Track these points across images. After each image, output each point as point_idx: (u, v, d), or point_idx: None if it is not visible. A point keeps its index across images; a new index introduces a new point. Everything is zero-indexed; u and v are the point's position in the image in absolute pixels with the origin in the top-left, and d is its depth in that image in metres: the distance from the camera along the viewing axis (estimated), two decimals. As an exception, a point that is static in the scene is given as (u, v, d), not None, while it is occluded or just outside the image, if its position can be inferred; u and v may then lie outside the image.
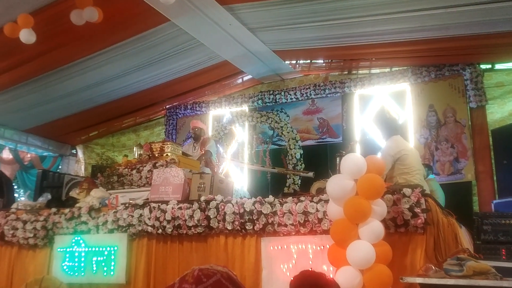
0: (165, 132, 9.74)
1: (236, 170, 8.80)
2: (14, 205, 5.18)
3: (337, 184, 3.10)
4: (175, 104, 9.74)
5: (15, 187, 9.16)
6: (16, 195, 8.40)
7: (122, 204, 4.34)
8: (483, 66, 7.11)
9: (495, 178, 6.58)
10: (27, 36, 5.18)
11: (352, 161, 3.13)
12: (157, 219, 4.00)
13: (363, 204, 2.97)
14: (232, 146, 9.10)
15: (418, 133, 7.37)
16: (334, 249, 3.10)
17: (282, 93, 8.66)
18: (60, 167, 10.29)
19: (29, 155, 9.92)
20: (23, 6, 5.45)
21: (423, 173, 4.84)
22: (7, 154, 9.53)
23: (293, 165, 8.22)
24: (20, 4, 5.44)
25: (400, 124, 6.08)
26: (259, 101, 8.86)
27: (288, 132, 8.48)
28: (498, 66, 7.12)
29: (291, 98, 8.60)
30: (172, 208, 3.97)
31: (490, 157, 6.70)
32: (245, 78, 8.99)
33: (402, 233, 3.25)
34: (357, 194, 3.04)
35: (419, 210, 3.12)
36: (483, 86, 6.97)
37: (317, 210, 3.44)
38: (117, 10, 5.77)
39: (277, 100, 8.71)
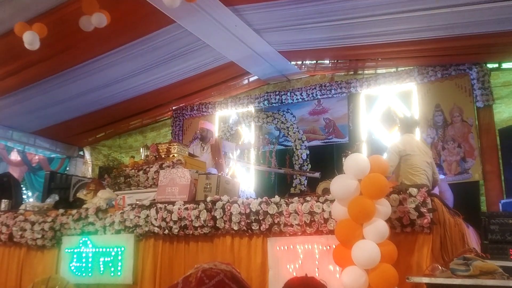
0: (171, 133, 9.76)
1: (242, 171, 8.81)
2: (22, 207, 5.24)
3: (341, 184, 3.11)
4: (181, 105, 9.75)
5: (23, 188, 9.24)
6: (24, 196, 8.47)
7: (129, 205, 4.37)
8: (490, 65, 7.05)
9: (502, 178, 6.53)
10: (31, 38, 5.18)
11: (355, 161, 3.14)
12: (163, 219, 4.03)
13: (367, 204, 2.97)
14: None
15: (425, 132, 7.33)
16: (340, 249, 3.11)
17: (288, 94, 8.65)
18: (67, 168, 10.36)
19: (37, 157, 10.00)
20: (32, 9, 5.51)
21: (430, 174, 4.82)
22: (15, 156, 9.60)
23: (299, 166, 8.22)
24: (30, 6, 5.48)
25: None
26: (265, 102, 8.86)
27: (294, 133, 8.48)
28: (505, 65, 7.05)
29: (297, 99, 8.60)
30: (179, 209, 4.00)
31: (498, 157, 6.64)
32: (251, 79, 8.99)
33: (408, 233, 3.24)
34: (361, 194, 3.05)
35: (425, 210, 3.12)
36: (490, 85, 6.91)
37: (323, 210, 3.45)
38: (123, 12, 5.81)
39: (283, 101, 8.71)
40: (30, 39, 5.17)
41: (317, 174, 6.89)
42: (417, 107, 7.52)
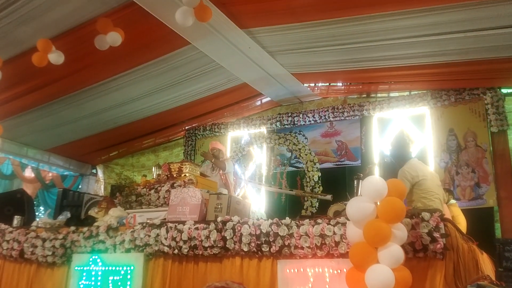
0: (184, 153, 9.80)
1: (253, 191, 8.78)
2: (34, 223, 5.26)
3: (357, 207, 3.06)
4: (194, 125, 9.83)
5: (36, 205, 9.30)
6: (36, 213, 8.51)
7: (139, 223, 4.37)
8: (504, 90, 7.00)
9: (517, 204, 6.43)
10: (56, 58, 5.38)
11: (372, 184, 3.09)
12: (173, 239, 4.01)
13: (383, 227, 2.92)
14: (250, 168, 9.11)
15: (438, 157, 7.27)
16: (353, 273, 3.05)
17: (301, 116, 8.68)
18: (80, 186, 10.46)
19: (50, 174, 10.10)
20: (51, 29, 5.63)
21: (442, 198, 4.77)
22: (29, 173, 9.71)
23: (310, 188, 8.17)
24: (49, 26, 5.61)
25: (411, 150, 5.93)
26: (278, 123, 8.89)
27: (306, 155, 8.46)
28: (519, 91, 7.03)
29: (310, 121, 8.61)
30: (189, 228, 3.98)
31: (513, 183, 6.57)
32: (264, 100, 9.04)
33: (420, 258, 3.19)
34: (377, 217, 3.01)
35: (438, 235, 3.07)
36: (504, 110, 6.87)
37: (334, 233, 3.41)
38: (140, 34, 5.92)
39: (296, 122, 8.74)
40: (55, 59, 5.38)
41: (328, 197, 6.84)
42: (430, 131, 7.48)
